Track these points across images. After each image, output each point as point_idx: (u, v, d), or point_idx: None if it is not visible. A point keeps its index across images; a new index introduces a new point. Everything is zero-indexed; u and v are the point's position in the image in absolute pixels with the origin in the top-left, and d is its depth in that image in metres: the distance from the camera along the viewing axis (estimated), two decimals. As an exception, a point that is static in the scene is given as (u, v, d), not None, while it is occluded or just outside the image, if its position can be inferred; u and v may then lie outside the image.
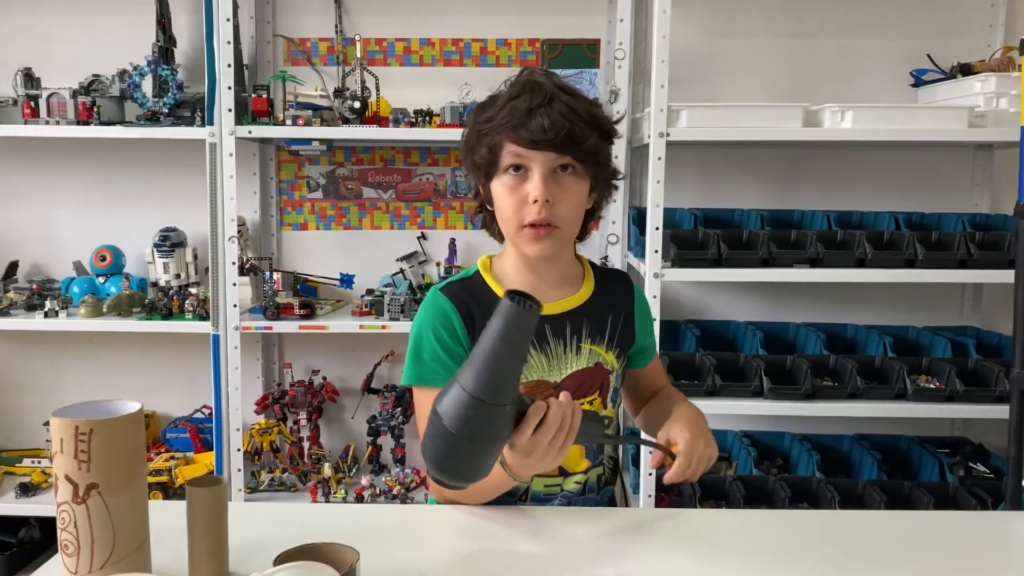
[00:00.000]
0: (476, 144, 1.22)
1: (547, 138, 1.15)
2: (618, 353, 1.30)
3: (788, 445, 2.50)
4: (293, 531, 1.00)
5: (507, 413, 0.95)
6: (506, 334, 0.92)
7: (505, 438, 0.98)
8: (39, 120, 2.44)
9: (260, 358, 2.71)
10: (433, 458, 0.97)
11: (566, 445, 1.03)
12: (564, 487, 1.27)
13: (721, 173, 2.63)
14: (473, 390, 0.92)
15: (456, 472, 0.98)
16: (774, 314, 2.65)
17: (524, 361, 1.00)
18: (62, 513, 0.88)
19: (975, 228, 2.30)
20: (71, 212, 2.69)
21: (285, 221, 2.71)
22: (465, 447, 0.94)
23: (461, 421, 0.92)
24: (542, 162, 1.17)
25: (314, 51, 2.63)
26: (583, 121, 1.17)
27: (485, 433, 0.94)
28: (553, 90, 1.17)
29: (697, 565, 1.03)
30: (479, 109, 1.24)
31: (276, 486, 2.52)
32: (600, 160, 1.23)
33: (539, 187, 1.17)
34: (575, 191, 1.21)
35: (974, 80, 2.28)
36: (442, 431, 0.94)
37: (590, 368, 1.27)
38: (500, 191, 1.21)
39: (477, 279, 1.29)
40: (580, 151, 1.18)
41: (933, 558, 1.06)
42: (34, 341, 2.71)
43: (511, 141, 1.17)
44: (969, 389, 2.17)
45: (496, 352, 0.92)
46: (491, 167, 1.21)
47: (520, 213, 1.19)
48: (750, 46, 2.58)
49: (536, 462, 1.03)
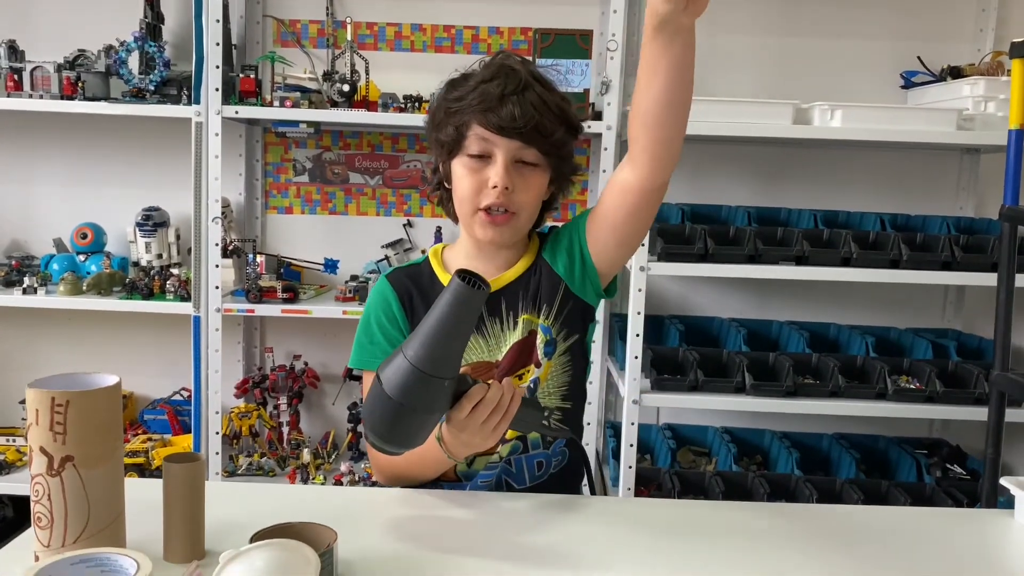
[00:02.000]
0: (443, 121, 1.21)
1: (515, 126, 1.14)
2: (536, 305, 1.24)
3: (768, 442, 2.51)
4: (270, 511, 0.99)
5: (445, 387, 0.98)
6: (452, 310, 0.95)
7: (441, 411, 1.01)
8: (22, 94, 2.40)
9: (241, 341, 2.69)
10: (371, 422, 1.00)
11: (500, 428, 1.04)
12: (501, 454, 1.25)
13: (709, 169, 2.63)
14: (414, 360, 0.95)
15: (391, 438, 1.00)
16: (758, 311, 2.65)
17: (467, 339, 1.01)
18: (36, 485, 0.86)
19: (960, 231, 2.31)
20: (53, 188, 2.66)
21: (270, 204, 2.69)
22: (402, 414, 0.97)
23: (400, 388, 0.96)
24: (507, 149, 1.17)
25: (304, 33, 2.60)
26: (552, 114, 1.17)
27: (422, 402, 0.97)
28: (527, 79, 1.17)
29: (676, 554, 1.03)
30: (450, 86, 1.23)
31: (254, 471, 2.50)
32: (563, 155, 1.22)
33: (500, 173, 1.17)
34: (535, 181, 1.21)
35: (963, 83, 2.30)
36: (382, 396, 0.97)
37: (525, 338, 1.25)
38: (460, 172, 1.21)
39: (425, 266, 1.30)
40: (546, 143, 1.18)
41: (908, 552, 1.06)
42: (11, 318, 2.68)
43: (479, 124, 1.16)
44: (949, 390, 2.19)
45: (440, 326, 0.95)
46: (455, 146, 1.21)
47: (478, 196, 1.19)
48: (742, 43, 2.58)
49: (469, 439, 1.05)
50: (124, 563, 0.79)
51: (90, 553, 0.80)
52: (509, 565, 0.98)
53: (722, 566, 1.00)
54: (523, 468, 1.27)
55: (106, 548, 0.82)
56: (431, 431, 1.03)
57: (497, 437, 1.05)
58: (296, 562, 0.81)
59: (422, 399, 0.97)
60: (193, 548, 0.94)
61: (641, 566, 0.99)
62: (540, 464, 1.28)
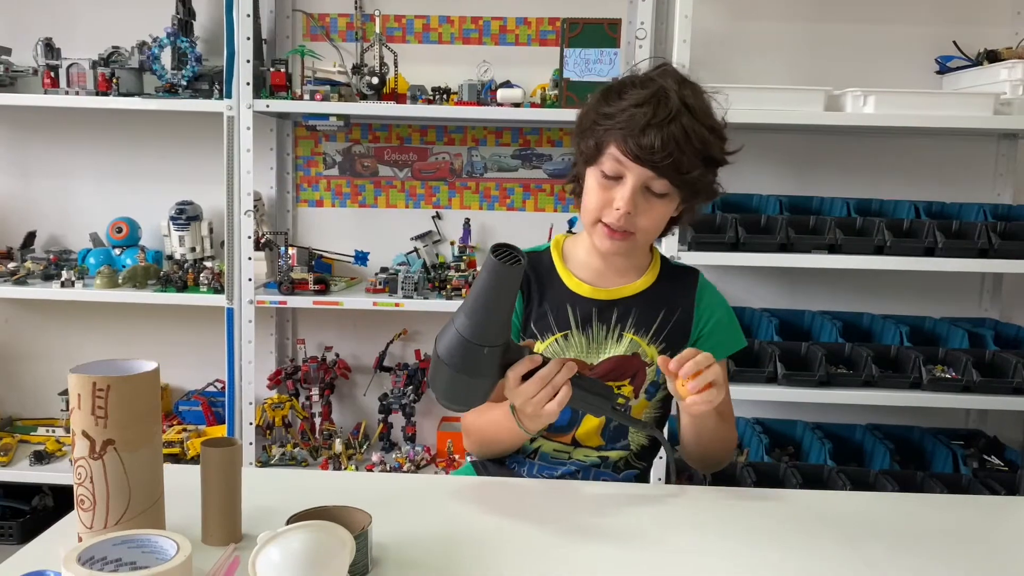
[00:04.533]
0: (588, 131, 1.23)
1: (651, 159, 1.15)
2: (663, 348, 1.28)
3: (800, 433, 2.48)
4: (305, 496, 1.00)
5: (485, 354, 1.05)
6: (489, 284, 1.02)
7: (488, 376, 1.08)
8: (59, 90, 2.44)
9: (274, 333, 2.72)
10: (432, 384, 1.11)
11: (552, 404, 1.07)
12: (573, 455, 1.30)
13: (740, 157, 2.59)
14: (459, 327, 1.04)
15: (447, 397, 1.11)
16: (790, 301, 2.63)
17: (508, 311, 1.05)
18: (79, 468, 0.88)
19: (997, 218, 2.27)
20: (88, 183, 2.70)
21: (301, 197, 2.71)
22: (453, 378, 1.07)
23: (447, 352, 1.05)
24: (638, 175, 1.18)
25: (333, 26, 2.62)
26: (694, 149, 1.16)
27: (466, 366, 1.05)
28: (678, 108, 1.15)
29: (705, 541, 1.03)
30: (603, 96, 1.23)
31: (287, 460, 2.53)
32: (697, 188, 1.22)
33: (627, 198, 1.18)
34: (661, 209, 1.22)
35: (1000, 67, 2.25)
36: (437, 361, 1.07)
37: (627, 356, 1.28)
38: (591, 183, 1.23)
39: (546, 254, 1.34)
40: (678, 179, 1.18)
41: (945, 540, 1.05)
42: (50, 310, 2.73)
43: (617, 147, 1.18)
44: (986, 380, 2.15)
45: (479, 298, 1.03)
46: (592, 159, 1.22)
47: (601, 211, 1.21)
48: (772, 28, 2.55)
49: (522, 408, 1.11)
50: (164, 544, 0.81)
51: (132, 534, 0.82)
52: (543, 549, 0.98)
53: (755, 553, 1.00)
54: (588, 479, 1.31)
55: (147, 530, 0.83)
56: (482, 395, 1.10)
57: (551, 413, 1.09)
58: (332, 544, 0.82)
59: (465, 363, 1.05)
60: (230, 531, 0.95)
61: (682, 553, 0.99)
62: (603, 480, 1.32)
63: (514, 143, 2.65)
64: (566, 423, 1.28)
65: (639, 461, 1.34)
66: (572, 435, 1.29)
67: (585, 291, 1.29)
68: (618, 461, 1.31)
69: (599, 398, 1.13)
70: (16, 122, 2.68)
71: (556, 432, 1.28)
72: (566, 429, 1.29)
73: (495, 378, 1.09)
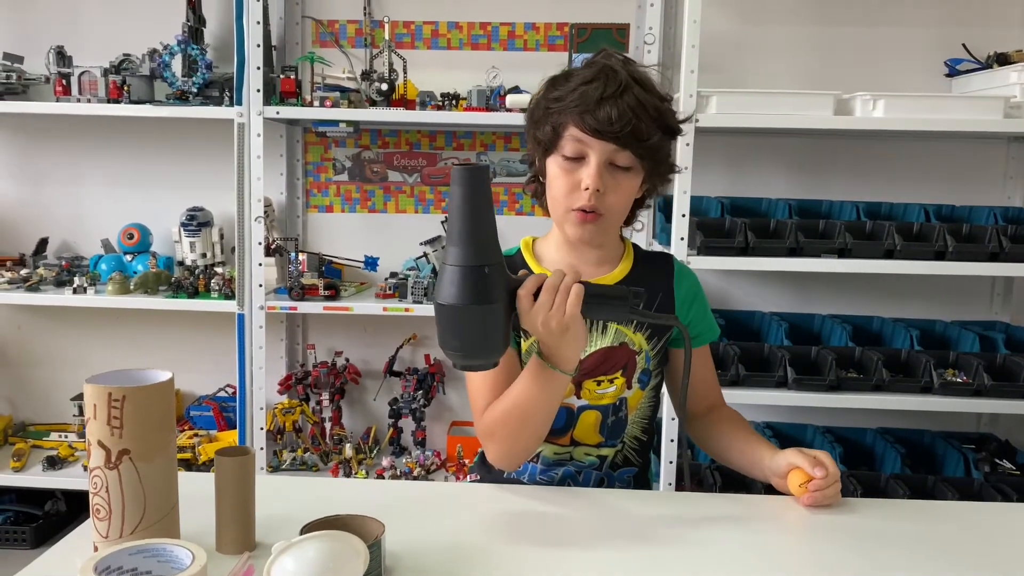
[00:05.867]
0: (541, 119, 1.23)
1: (611, 130, 1.15)
2: (650, 335, 1.28)
3: (811, 437, 2.48)
4: (319, 504, 1.01)
5: (491, 273, 1.00)
6: (464, 198, 0.98)
7: (499, 300, 1.01)
8: (71, 98, 2.46)
9: (284, 338, 2.73)
10: (448, 342, 1.02)
11: (573, 308, 1.02)
12: (574, 456, 1.30)
13: (749, 161, 2.61)
14: (454, 262, 0.99)
15: (471, 346, 1.02)
16: (800, 305, 2.62)
17: (491, 219, 1.00)
18: (94, 478, 0.89)
19: (1008, 221, 2.27)
20: (100, 190, 2.72)
21: (311, 203, 2.72)
22: (465, 316, 0.99)
23: (452, 292, 0.99)
24: (601, 151, 1.17)
25: (342, 33, 2.63)
26: (650, 117, 1.17)
27: (477, 295, 0.99)
28: (627, 80, 1.17)
29: (719, 547, 1.03)
30: (551, 84, 1.24)
31: (298, 465, 2.54)
32: (659, 158, 1.22)
33: (594, 176, 1.17)
34: (628, 184, 1.21)
35: (1010, 70, 2.24)
36: (443, 311, 1.00)
37: (615, 347, 1.27)
38: (555, 171, 1.22)
39: (518, 257, 1.33)
40: (641, 147, 1.18)
41: (958, 548, 1.05)
42: (62, 317, 2.75)
43: (575, 125, 1.17)
44: (997, 384, 2.15)
45: (462, 219, 0.98)
46: (551, 145, 1.22)
47: (570, 197, 1.20)
48: (781, 33, 2.55)
49: (549, 323, 1.03)
50: (180, 554, 0.81)
51: (147, 544, 0.82)
52: (556, 557, 0.98)
53: (766, 559, 1.00)
54: (589, 481, 1.31)
55: (162, 539, 0.84)
56: (500, 327, 1.02)
57: (575, 318, 1.03)
58: (346, 553, 0.83)
59: (472, 292, 0.98)
60: (245, 539, 0.96)
61: (686, 559, 0.99)
62: (602, 481, 1.32)
63: (523, 148, 2.65)
64: (563, 424, 1.27)
65: (637, 457, 1.33)
66: (570, 435, 1.29)
67: None
68: (615, 457, 1.31)
69: (616, 300, 1.08)
70: (28, 130, 2.70)
71: (554, 434, 1.27)
72: (563, 431, 1.28)
73: (505, 304, 1.02)
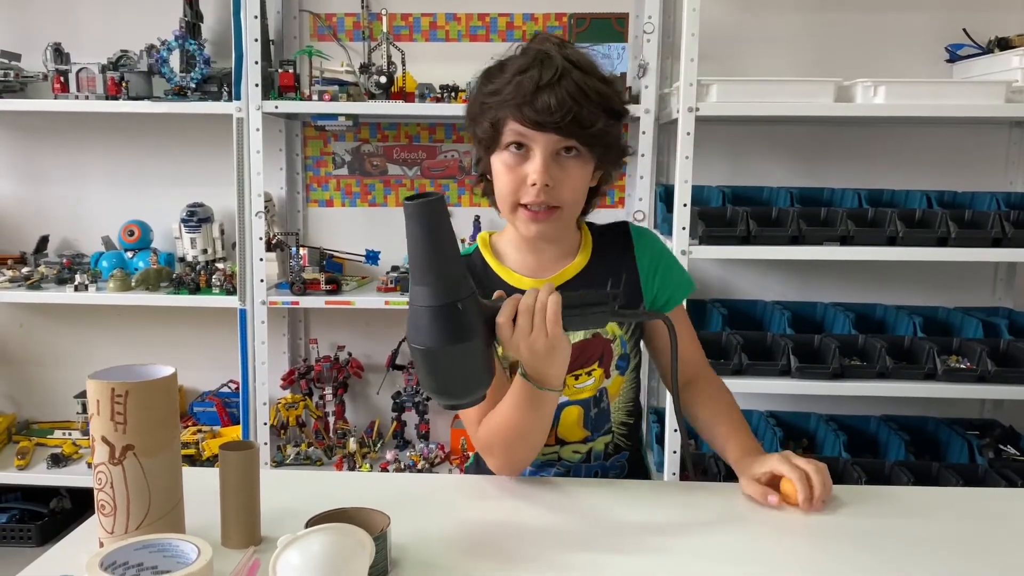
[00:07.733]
0: (479, 116, 1.17)
1: (552, 120, 1.09)
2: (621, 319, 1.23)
3: (814, 425, 2.48)
4: (323, 498, 1.01)
5: (465, 308, 0.94)
6: (422, 234, 0.92)
7: (476, 334, 0.96)
8: (69, 95, 2.45)
9: (286, 333, 2.73)
10: (429, 385, 0.99)
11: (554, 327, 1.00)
12: (561, 455, 1.27)
13: (750, 150, 2.60)
14: (422, 302, 0.93)
15: (454, 387, 0.98)
16: (802, 293, 2.62)
17: (456, 251, 0.96)
18: (99, 474, 0.89)
19: (1010, 207, 2.26)
20: (100, 187, 2.72)
21: (311, 197, 2.72)
22: (443, 357, 0.95)
23: (426, 334, 0.93)
24: (544, 144, 1.11)
25: (340, 26, 2.62)
26: (591, 102, 1.10)
27: (452, 334, 0.94)
28: (564, 65, 1.10)
29: (728, 537, 1.03)
30: (485, 78, 1.18)
31: (302, 460, 2.54)
32: (607, 142, 1.16)
33: (539, 170, 1.12)
34: (577, 174, 1.15)
35: (1012, 55, 2.23)
36: (419, 355, 0.95)
37: (588, 340, 1.23)
38: (499, 168, 1.16)
39: (476, 256, 1.27)
40: (586, 135, 1.12)
41: (963, 535, 1.05)
42: (64, 314, 2.75)
43: (514, 119, 1.11)
44: (1001, 370, 2.14)
45: (423, 256, 0.93)
46: (492, 142, 1.16)
47: (517, 193, 1.15)
48: (781, 20, 2.53)
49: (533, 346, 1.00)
50: (185, 548, 0.81)
51: (152, 539, 0.82)
52: (561, 549, 0.98)
53: (772, 547, 1.00)
54: (580, 475, 1.28)
55: (167, 534, 0.84)
56: (482, 364, 0.98)
57: (559, 337, 1.01)
58: (351, 546, 0.82)
59: (446, 332, 0.93)
60: (250, 534, 0.96)
61: (695, 553, 0.99)
62: (596, 473, 1.30)
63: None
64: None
65: (627, 441, 1.30)
66: (555, 434, 1.25)
67: (526, 284, 1.22)
68: (606, 447, 1.28)
69: (597, 306, 1.04)
70: (27, 127, 2.69)
71: None
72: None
73: (484, 336, 0.98)
